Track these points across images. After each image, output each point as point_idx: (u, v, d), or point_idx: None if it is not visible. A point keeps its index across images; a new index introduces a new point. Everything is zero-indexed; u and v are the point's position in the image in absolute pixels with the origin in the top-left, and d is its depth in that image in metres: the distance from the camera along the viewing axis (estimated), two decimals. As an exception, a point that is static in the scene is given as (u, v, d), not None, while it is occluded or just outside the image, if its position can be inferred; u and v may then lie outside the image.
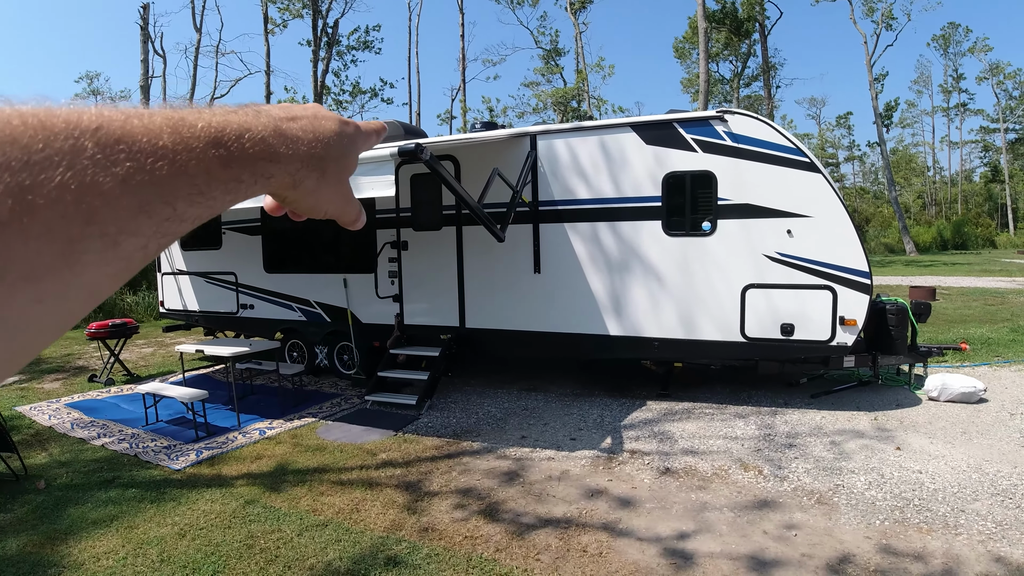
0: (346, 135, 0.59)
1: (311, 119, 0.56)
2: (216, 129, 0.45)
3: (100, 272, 0.38)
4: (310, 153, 0.53)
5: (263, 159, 0.48)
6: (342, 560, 4.29)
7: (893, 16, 44.84)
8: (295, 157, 0.52)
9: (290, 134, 0.52)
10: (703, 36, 28.34)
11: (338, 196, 0.60)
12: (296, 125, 0.53)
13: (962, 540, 4.30)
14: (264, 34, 35.65)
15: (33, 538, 4.71)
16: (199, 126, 0.44)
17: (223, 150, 0.44)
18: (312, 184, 0.55)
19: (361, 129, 0.63)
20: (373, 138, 0.66)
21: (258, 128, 0.48)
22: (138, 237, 0.39)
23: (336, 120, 0.59)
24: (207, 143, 0.43)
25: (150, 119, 0.41)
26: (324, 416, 7.78)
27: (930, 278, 22.50)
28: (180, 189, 0.41)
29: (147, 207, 0.39)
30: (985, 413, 6.98)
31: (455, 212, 8.42)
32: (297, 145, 0.52)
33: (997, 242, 52.55)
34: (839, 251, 6.89)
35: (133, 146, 0.39)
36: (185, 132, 0.42)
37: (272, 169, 0.49)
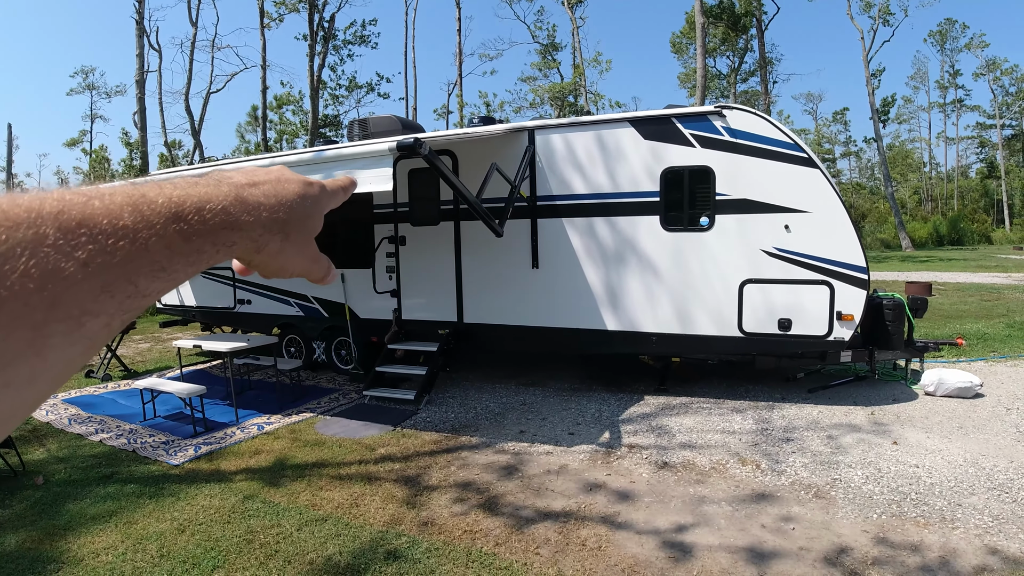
0: (309, 196, 0.59)
1: (274, 183, 0.56)
2: (176, 204, 0.45)
3: (66, 353, 0.39)
4: (272, 218, 0.54)
5: (224, 229, 0.48)
6: (342, 555, 4.30)
7: (890, 12, 44.90)
8: (257, 223, 0.52)
9: (252, 201, 0.52)
10: (700, 31, 28.33)
11: (303, 257, 0.60)
12: (258, 191, 0.54)
13: (959, 534, 4.32)
14: (260, 28, 35.50)
15: (32, 534, 4.71)
16: (159, 202, 0.44)
17: (184, 224, 0.45)
18: (275, 248, 0.55)
19: (327, 188, 0.64)
20: (340, 195, 0.66)
21: (219, 198, 0.49)
22: (102, 316, 0.40)
23: (299, 182, 0.59)
24: (167, 218, 0.44)
25: (111, 199, 0.42)
26: (322, 411, 7.79)
27: (926, 274, 22.56)
28: (142, 267, 0.42)
29: (109, 287, 0.40)
30: (981, 408, 7.01)
31: (453, 207, 8.41)
32: (259, 211, 0.52)
33: (993, 238, 52.72)
34: (836, 246, 6.91)
35: (94, 228, 0.39)
36: (146, 209, 0.43)
37: (234, 237, 0.50)
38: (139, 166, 30.38)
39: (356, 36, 40.29)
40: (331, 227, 7.55)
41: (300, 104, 45.09)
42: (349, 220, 9.36)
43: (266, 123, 37.51)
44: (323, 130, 38.82)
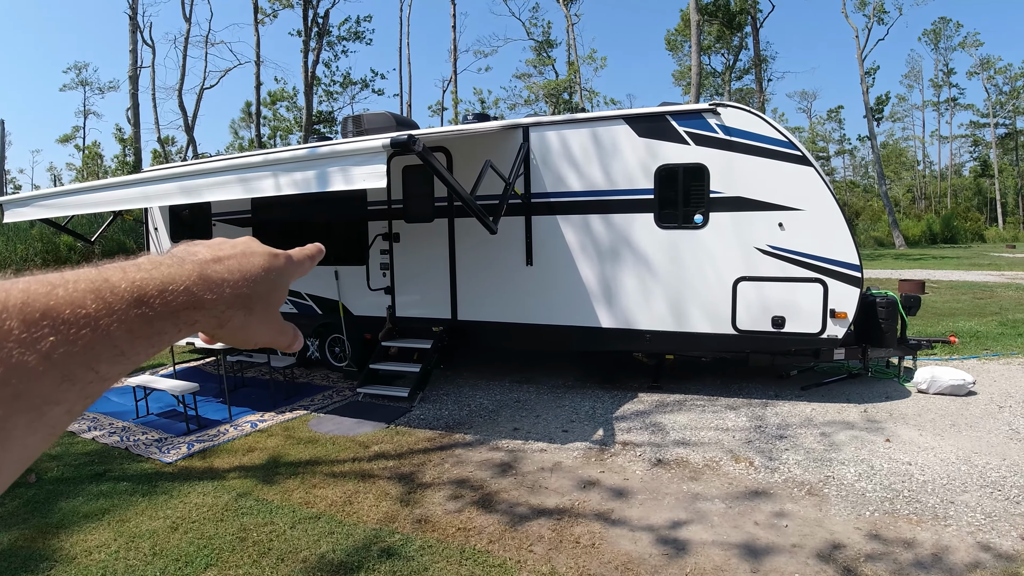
0: (275, 269, 0.59)
1: (239, 257, 0.57)
2: (139, 287, 0.45)
3: (27, 442, 0.39)
4: (235, 294, 0.54)
5: (187, 309, 0.49)
6: (335, 552, 4.29)
7: (885, 10, 45.04)
8: (219, 301, 0.52)
9: (215, 278, 0.52)
10: (695, 29, 28.34)
11: (267, 329, 0.60)
12: (222, 267, 0.54)
13: (951, 531, 4.34)
14: (254, 24, 35.42)
15: (24, 532, 4.69)
16: (122, 287, 0.44)
17: (145, 308, 0.45)
18: (239, 322, 0.55)
19: (293, 259, 0.64)
20: (307, 263, 0.67)
21: (181, 279, 0.49)
22: (63, 404, 0.40)
23: (265, 255, 0.59)
24: (130, 303, 0.44)
25: (75, 286, 0.42)
26: (316, 409, 7.77)
27: (919, 271, 22.64)
28: (103, 353, 0.42)
29: (71, 376, 0.40)
30: (974, 406, 7.03)
31: (447, 204, 8.40)
32: (222, 288, 0.52)
33: (986, 236, 52.94)
34: (830, 244, 6.92)
35: (57, 319, 0.40)
36: (108, 296, 0.43)
37: (196, 316, 0.50)
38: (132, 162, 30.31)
39: (350, 32, 40.19)
40: (326, 224, 7.58)
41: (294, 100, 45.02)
42: (343, 217, 9.35)
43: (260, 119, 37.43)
44: (317, 126, 38.71)
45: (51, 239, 17.23)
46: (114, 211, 10.49)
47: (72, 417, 0.42)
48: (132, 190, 7.68)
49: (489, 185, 7.08)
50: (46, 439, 0.40)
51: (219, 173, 6.77)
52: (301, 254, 0.66)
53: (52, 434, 0.41)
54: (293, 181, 6.26)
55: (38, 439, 0.40)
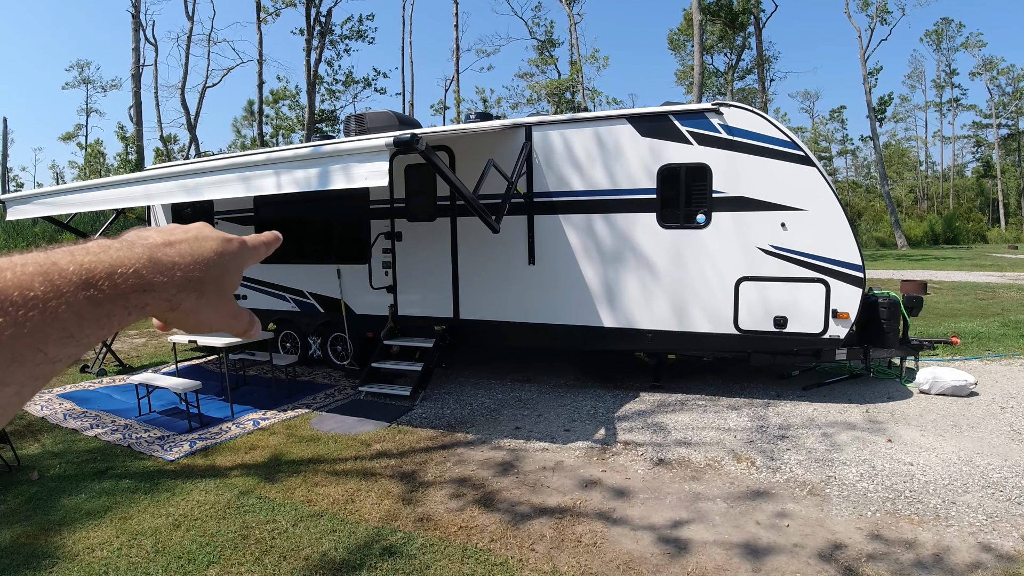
0: (227, 253, 0.59)
1: (191, 241, 0.57)
2: (87, 270, 0.46)
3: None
4: (186, 277, 0.54)
5: (136, 291, 0.49)
6: (337, 551, 4.30)
7: (888, 10, 44.92)
8: (170, 284, 0.52)
9: (165, 261, 0.52)
10: (698, 28, 28.32)
11: (220, 313, 0.60)
12: (173, 251, 0.54)
13: (953, 532, 4.34)
14: (257, 22, 35.43)
15: (27, 529, 4.70)
16: (70, 270, 0.45)
17: (94, 290, 0.45)
18: (190, 305, 0.56)
19: (247, 244, 0.64)
20: (261, 250, 0.66)
21: (130, 262, 0.49)
22: (12, 386, 0.41)
23: (218, 240, 0.60)
24: (77, 286, 0.44)
25: (23, 269, 0.43)
26: (318, 407, 7.78)
27: (921, 272, 22.63)
28: (51, 335, 0.43)
29: (19, 357, 0.41)
30: (976, 406, 7.03)
31: (449, 203, 8.41)
32: (172, 272, 0.53)
33: (988, 237, 52.88)
34: (832, 244, 6.92)
35: (5, 302, 0.40)
36: (56, 278, 0.44)
37: (146, 299, 0.50)
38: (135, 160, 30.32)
39: (353, 31, 40.20)
40: (328, 223, 7.59)
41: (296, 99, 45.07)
42: (346, 216, 9.36)
43: (262, 118, 37.43)
44: (319, 125, 38.75)
45: (53, 237, 17.25)
46: (116, 209, 10.50)
47: (21, 400, 0.43)
48: (134, 188, 7.69)
49: (492, 184, 7.08)
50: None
51: (221, 171, 6.78)
52: (256, 240, 0.66)
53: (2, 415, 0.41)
54: (295, 179, 6.27)
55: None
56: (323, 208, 9.48)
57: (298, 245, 9.96)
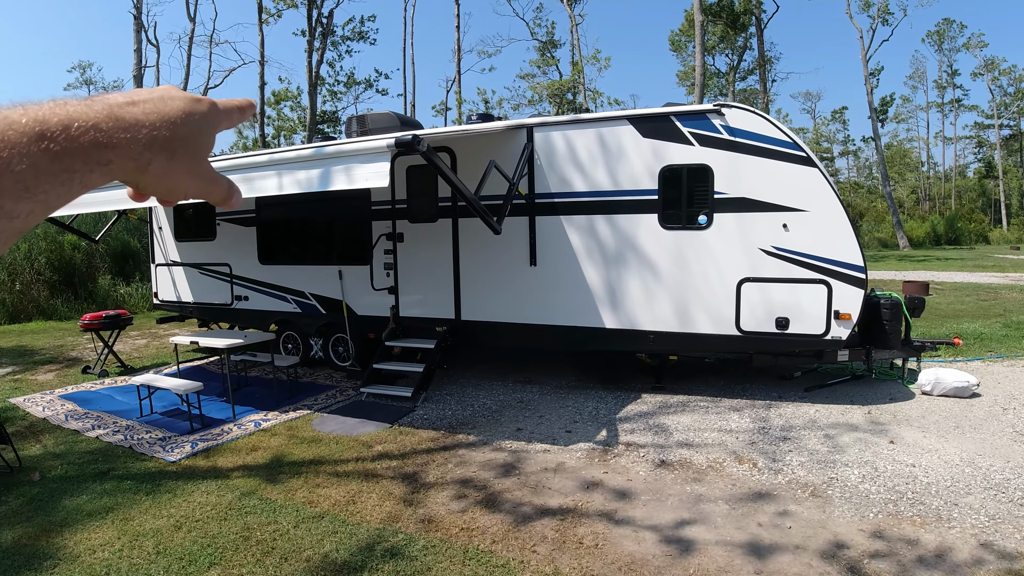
0: (196, 113, 0.58)
1: (156, 101, 0.56)
2: (41, 122, 0.45)
3: None
4: (153, 135, 0.53)
5: (96, 147, 0.48)
6: (339, 552, 4.30)
7: (889, 11, 44.90)
8: (134, 141, 0.51)
9: (128, 118, 0.51)
10: (699, 29, 28.31)
11: (194, 177, 0.59)
12: (137, 109, 0.53)
13: (955, 533, 4.33)
14: (258, 24, 35.44)
15: (28, 530, 4.70)
16: (23, 122, 0.44)
17: (49, 143, 0.45)
18: (161, 167, 0.55)
19: (218, 106, 0.62)
20: (235, 115, 0.65)
21: (88, 116, 0.48)
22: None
23: (185, 99, 0.58)
24: (31, 138, 0.44)
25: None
26: (319, 408, 7.78)
27: (923, 273, 22.60)
28: (5, 187, 0.42)
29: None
30: (978, 408, 7.02)
31: (451, 204, 8.41)
32: (137, 129, 0.52)
33: (990, 237, 52.84)
34: (834, 245, 6.91)
35: None
36: (7, 131, 0.43)
37: (109, 155, 0.49)
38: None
39: (355, 32, 40.25)
40: (330, 224, 7.60)
41: (298, 100, 45.07)
42: (347, 217, 9.36)
43: (264, 119, 37.44)
44: (321, 126, 38.79)
45: (55, 238, 17.25)
46: (118, 210, 10.52)
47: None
48: (136, 189, 7.67)
49: (493, 185, 7.09)
50: None
51: (224, 172, 6.76)
52: (227, 103, 0.64)
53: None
54: (297, 180, 6.27)
55: None
56: (325, 209, 9.48)
57: (300, 246, 9.97)
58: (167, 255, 11.38)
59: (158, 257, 11.58)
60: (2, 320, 15.61)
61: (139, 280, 18.05)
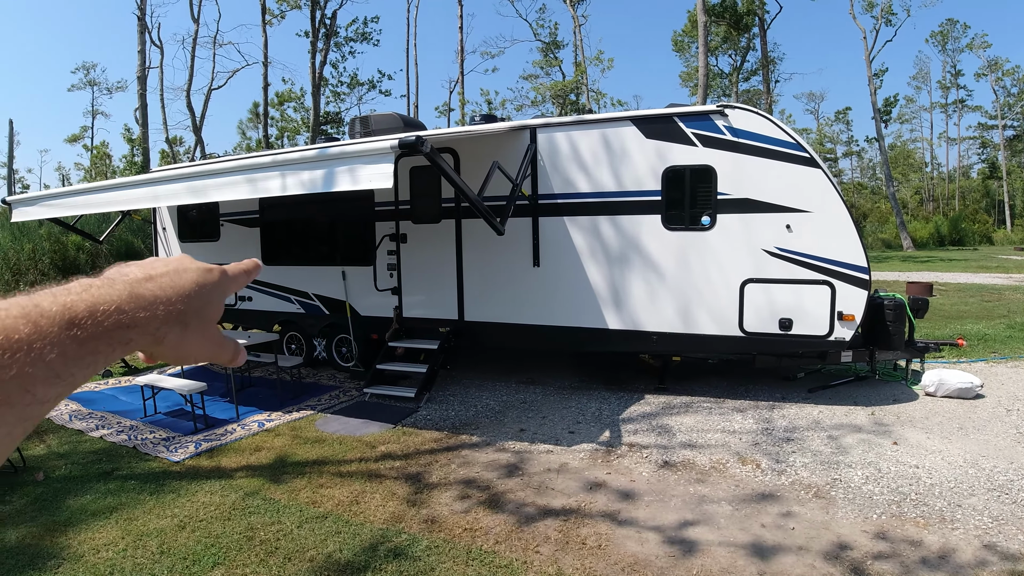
0: (208, 284, 0.60)
1: (171, 274, 0.58)
2: (69, 310, 0.46)
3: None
4: (169, 311, 0.55)
5: (119, 327, 0.49)
6: (342, 552, 4.31)
7: (892, 11, 44.76)
8: (153, 318, 0.53)
9: (147, 296, 0.53)
10: (703, 30, 28.30)
11: (205, 344, 0.60)
12: (154, 284, 0.55)
13: (958, 534, 4.33)
14: (262, 25, 35.51)
15: (32, 529, 4.72)
16: (53, 311, 0.45)
17: (77, 330, 0.46)
18: (175, 338, 0.56)
19: (228, 273, 0.65)
20: (242, 278, 0.67)
21: (111, 299, 0.50)
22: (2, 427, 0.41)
23: (198, 271, 0.60)
24: (61, 326, 0.45)
25: (6, 313, 0.43)
26: (323, 408, 7.79)
27: (927, 274, 22.55)
28: (38, 376, 0.43)
29: (8, 399, 0.41)
30: (981, 409, 7.01)
31: (454, 205, 8.41)
32: (154, 306, 0.53)
33: (994, 238, 52.70)
34: (838, 246, 6.91)
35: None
36: (40, 320, 0.44)
37: (130, 334, 0.51)
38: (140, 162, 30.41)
39: (358, 33, 40.23)
40: (333, 225, 7.60)
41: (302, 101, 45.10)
42: (351, 218, 9.37)
43: (267, 120, 37.53)
44: (325, 127, 38.80)
45: (59, 238, 17.29)
46: (122, 211, 10.54)
47: (13, 440, 0.43)
48: (141, 190, 7.71)
49: (496, 186, 7.09)
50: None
51: (227, 173, 6.80)
52: (236, 269, 0.67)
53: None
54: (301, 181, 6.28)
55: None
56: (328, 210, 9.50)
57: (303, 247, 9.98)
58: (171, 256, 11.37)
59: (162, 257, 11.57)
60: (6, 320, 15.62)
61: (143, 281, 18.05)
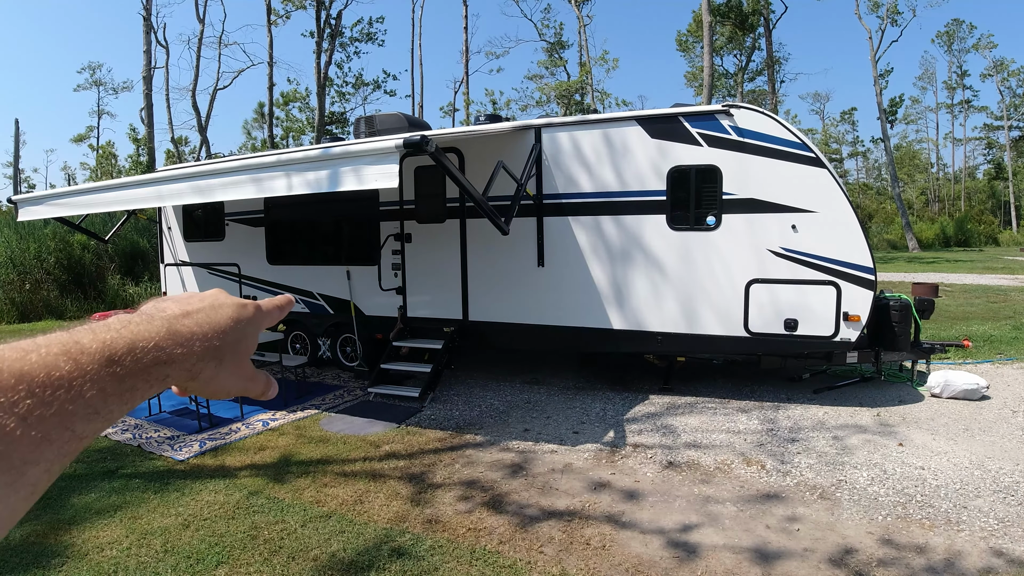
0: (243, 319, 0.60)
1: (208, 310, 0.58)
2: (109, 347, 0.47)
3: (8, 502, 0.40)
4: (205, 347, 0.55)
5: (157, 364, 0.50)
6: (346, 551, 4.30)
7: (898, 11, 44.71)
8: (190, 355, 0.53)
9: (184, 332, 0.53)
10: (708, 30, 28.27)
11: (238, 379, 0.61)
12: (191, 321, 0.55)
13: (964, 536, 4.31)
14: (267, 25, 35.57)
15: (36, 527, 4.72)
16: (93, 348, 0.46)
17: (117, 367, 0.46)
18: (210, 374, 0.56)
19: (262, 308, 0.65)
20: (275, 313, 0.67)
21: (150, 336, 0.50)
22: (42, 464, 0.42)
23: (233, 306, 0.61)
24: (101, 363, 0.45)
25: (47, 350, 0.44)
26: (327, 408, 7.80)
27: (933, 275, 22.49)
28: (78, 412, 0.43)
29: (48, 436, 0.42)
30: (987, 410, 6.98)
31: (459, 205, 8.41)
32: (191, 343, 0.53)
33: (1000, 239, 52.53)
34: (844, 247, 6.89)
35: (32, 383, 0.41)
36: (81, 357, 0.45)
37: (167, 371, 0.51)
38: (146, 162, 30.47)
39: (363, 33, 40.30)
40: (338, 224, 7.60)
41: (307, 101, 45.18)
42: (355, 217, 9.38)
43: (272, 120, 37.58)
44: (329, 127, 38.86)
45: (64, 238, 17.33)
46: (128, 210, 10.56)
47: (51, 476, 0.43)
48: (146, 189, 7.73)
49: (501, 186, 7.08)
50: (27, 498, 0.42)
51: (232, 173, 6.81)
52: (270, 304, 0.67)
53: (33, 493, 0.42)
54: (306, 181, 6.29)
55: (20, 498, 0.41)
56: (333, 209, 9.51)
57: (308, 246, 9.99)
58: (176, 255, 11.42)
59: (167, 257, 11.62)
60: (12, 319, 15.71)
61: (148, 280, 18.12)
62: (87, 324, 0.49)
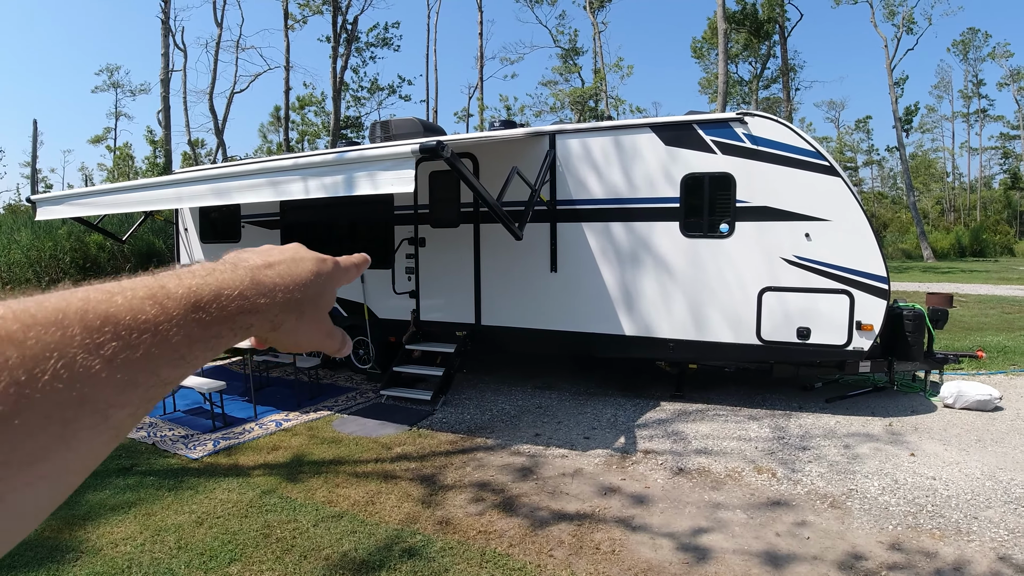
0: (323, 274, 0.62)
1: (289, 263, 0.59)
2: (195, 293, 0.47)
3: (93, 444, 0.40)
4: (288, 298, 0.56)
5: (242, 313, 0.50)
6: (357, 551, 4.34)
7: (914, 20, 44.42)
8: (273, 305, 0.54)
9: (267, 283, 0.54)
10: (722, 37, 28.24)
11: (317, 332, 0.62)
12: (273, 272, 0.56)
13: (974, 547, 4.30)
14: (284, 30, 35.81)
15: (51, 523, 4.78)
16: (179, 293, 0.46)
17: (202, 313, 0.47)
18: (291, 325, 0.57)
19: (340, 264, 0.66)
20: (352, 271, 0.69)
21: (235, 284, 0.51)
22: (127, 407, 0.42)
23: (313, 260, 0.62)
24: (187, 308, 0.46)
25: (133, 293, 0.44)
26: (340, 409, 7.85)
27: (947, 285, 22.33)
28: (163, 357, 0.44)
29: (134, 380, 0.42)
30: (1000, 421, 6.94)
31: (473, 210, 8.45)
32: (274, 293, 0.54)
33: (1015, 250, 52.02)
34: (857, 256, 6.87)
35: (118, 325, 0.42)
36: (166, 302, 0.45)
37: (251, 320, 0.52)
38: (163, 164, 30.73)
39: (379, 39, 40.53)
40: (352, 227, 7.66)
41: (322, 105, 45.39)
42: (370, 220, 9.44)
43: (288, 124, 37.82)
44: (345, 131, 39.05)
45: (80, 237, 17.50)
46: (145, 211, 10.68)
47: (135, 420, 0.44)
48: (165, 191, 7.82)
49: (515, 191, 7.12)
50: (110, 442, 0.42)
51: (250, 176, 6.88)
52: (348, 261, 0.68)
53: (116, 436, 0.42)
54: (323, 185, 6.35)
55: (103, 442, 0.41)
56: (348, 213, 9.57)
57: (323, 249, 9.88)
58: (192, 256, 11.53)
59: (183, 258, 11.73)
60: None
61: (163, 281, 18.23)
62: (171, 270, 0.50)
